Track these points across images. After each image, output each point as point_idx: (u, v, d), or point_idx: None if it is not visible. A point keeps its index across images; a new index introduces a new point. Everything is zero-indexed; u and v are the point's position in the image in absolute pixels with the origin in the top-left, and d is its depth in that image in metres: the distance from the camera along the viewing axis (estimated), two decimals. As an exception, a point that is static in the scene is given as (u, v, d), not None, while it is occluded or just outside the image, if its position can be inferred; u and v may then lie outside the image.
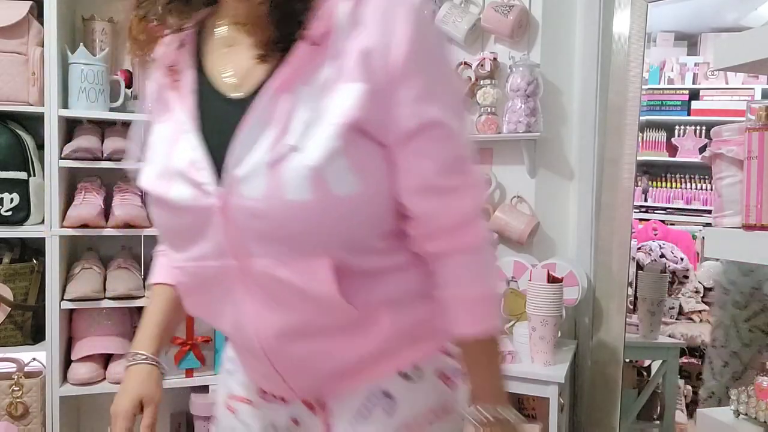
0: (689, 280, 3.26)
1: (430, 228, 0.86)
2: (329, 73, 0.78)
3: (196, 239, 0.84)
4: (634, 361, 2.70)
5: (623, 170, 2.34)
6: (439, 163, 0.83)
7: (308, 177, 0.76)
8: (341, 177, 0.77)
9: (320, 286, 0.81)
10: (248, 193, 0.78)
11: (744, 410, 1.28)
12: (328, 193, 0.76)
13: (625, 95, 2.32)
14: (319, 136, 0.76)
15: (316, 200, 0.76)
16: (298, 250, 0.80)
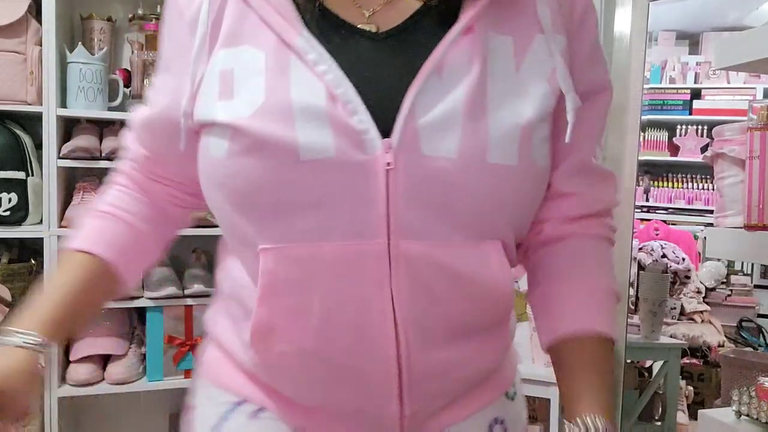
0: (691, 280, 3.25)
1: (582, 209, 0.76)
2: (524, 20, 0.68)
3: (327, 207, 0.62)
4: (635, 361, 2.69)
5: (624, 170, 2.33)
6: (597, 135, 0.77)
7: (518, 138, 0.64)
8: (542, 144, 0.67)
9: (494, 275, 0.67)
10: (437, 149, 0.62)
11: (746, 411, 1.28)
12: (531, 161, 0.65)
13: (626, 94, 2.31)
14: (532, 93, 0.66)
15: (521, 168, 0.64)
16: (476, 228, 0.65)
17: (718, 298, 3.64)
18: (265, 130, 0.62)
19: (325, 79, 0.62)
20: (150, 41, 2.18)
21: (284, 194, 0.63)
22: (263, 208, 0.64)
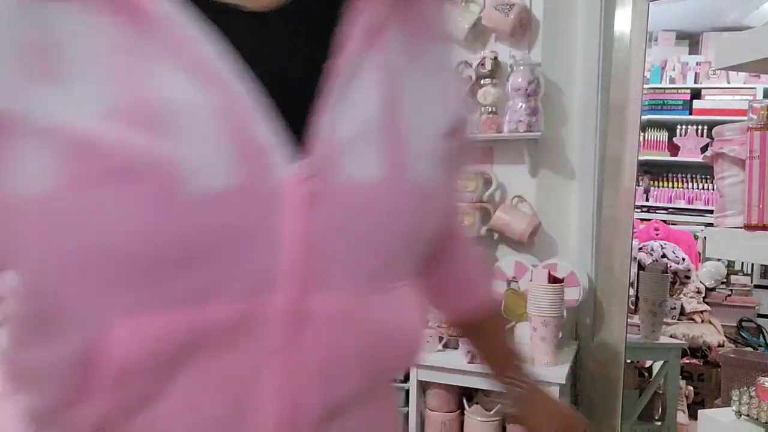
0: (691, 280, 3.25)
1: None
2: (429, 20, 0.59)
3: (217, 258, 0.43)
4: (635, 361, 2.70)
5: (624, 170, 2.33)
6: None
7: (437, 150, 0.53)
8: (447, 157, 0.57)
9: (411, 322, 0.56)
10: (358, 169, 0.48)
11: (746, 411, 1.28)
12: (449, 176, 0.56)
13: (626, 94, 2.31)
14: (444, 99, 0.56)
15: (443, 184, 0.55)
16: (396, 266, 0.53)
17: (718, 298, 3.64)
18: (127, 142, 0.40)
19: (211, 66, 0.43)
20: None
21: (157, 246, 0.41)
22: (120, 270, 0.42)
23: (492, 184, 2.39)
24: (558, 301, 2.00)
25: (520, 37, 2.35)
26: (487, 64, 2.32)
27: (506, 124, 2.30)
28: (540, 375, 1.93)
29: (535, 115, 2.26)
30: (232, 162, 0.43)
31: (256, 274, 0.45)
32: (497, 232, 2.39)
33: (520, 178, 2.40)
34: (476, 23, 2.36)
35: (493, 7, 2.31)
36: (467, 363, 2.04)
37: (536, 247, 2.40)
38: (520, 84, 2.24)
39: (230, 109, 0.43)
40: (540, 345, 2.01)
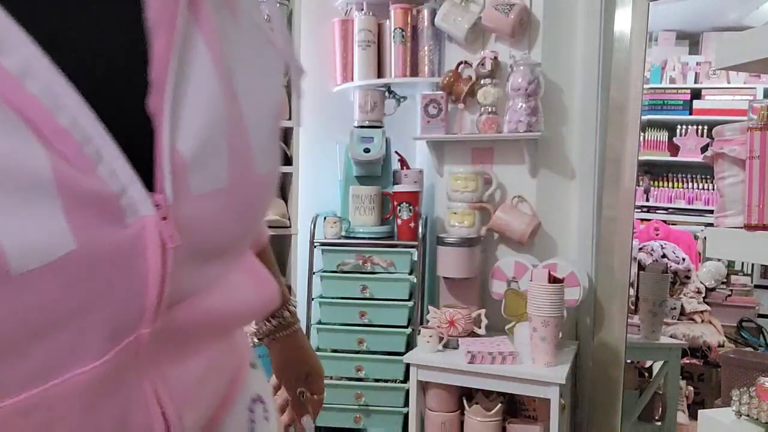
0: (691, 280, 3.25)
1: None
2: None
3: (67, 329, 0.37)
4: (635, 361, 2.69)
5: (625, 170, 2.33)
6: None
7: (274, 131, 0.50)
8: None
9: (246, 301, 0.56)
10: (206, 183, 0.43)
11: (746, 411, 1.28)
12: (277, 162, 0.52)
13: (626, 94, 2.31)
14: (268, 84, 0.50)
15: (275, 171, 0.52)
16: (234, 255, 0.51)
17: (718, 298, 3.64)
18: None
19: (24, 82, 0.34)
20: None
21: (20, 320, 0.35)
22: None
23: (492, 184, 2.39)
24: (558, 301, 2.00)
25: (520, 37, 2.35)
26: (487, 64, 2.32)
27: (506, 124, 2.30)
28: (541, 375, 1.94)
29: (535, 115, 2.26)
30: (65, 225, 0.34)
31: (117, 326, 0.39)
32: (497, 232, 2.39)
33: (520, 178, 2.40)
34: (476, 23, 2.36)
35: (493, 7, 2.31)
36: (467, 363, 2.04)
37: (536, 247, 2.40)
38: (520, 84, 2.24)
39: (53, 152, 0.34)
40: (540, 345, 2.01)
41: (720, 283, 3.69)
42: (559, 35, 2.38)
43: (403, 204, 2.43)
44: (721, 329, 3.20)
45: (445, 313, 2.22)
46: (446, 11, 2.38)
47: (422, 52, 2.50)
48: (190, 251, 0.42)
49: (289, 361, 0.97)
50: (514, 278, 2.29)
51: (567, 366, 2.03)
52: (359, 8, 2.59)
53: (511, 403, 2.26)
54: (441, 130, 2.41)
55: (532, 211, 2.37)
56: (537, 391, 2.00)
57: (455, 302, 2.34)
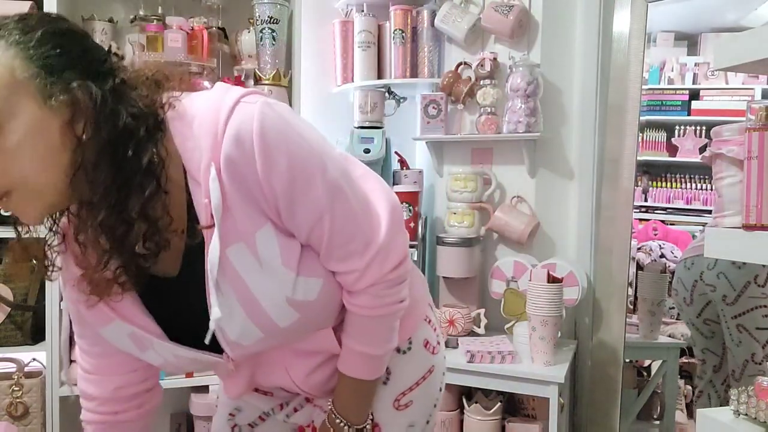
0: (689, 280, 3.25)
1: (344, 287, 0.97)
2: (240, 228, 0.84)
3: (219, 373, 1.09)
4: (634, 361, 2.70)
5: (623, 170, 2.34)
6: (324, 252, 0.91)
7: (287, 306, 0.89)
8: (307, 288, 0.90)
9: (327, 342, 1.01)
10: (249, 342, 0.93)
11: (744, 410, 1.28)
12: (306, 302, 0.91)
13: (625, 95, 2.32)
14: (274, 276, 0.87)
15: (304, 312, 0.92)
16: (308, 333, 0.99)
17: (717, 298, 3.63)
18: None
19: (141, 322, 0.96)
20: (151, 42, 2.18)
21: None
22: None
23: (491, 185, 2.40)
24: (557, 300, 2.01)
25: (519, 38, 2.35)
26: (486, 65, 2.33)
27: (505, 124, 2.30)
28: (539, 374, 1.95)
29: (534, 116, 2.27)
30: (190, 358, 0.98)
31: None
32: (496, 232, 2.40)
33: (519, 179, 2.41)
34: (476, 24, 2.36)
35: (492, 8, 2.32)
36: (467, 362, 2.04)
37: (535, 247, 2.40)
38: (519, 85, 2.25)
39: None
40: (539, 344, 2.01)
41: (718, 283, 3.68)
42: (558, 36, 2.39)
43: (403, 204, 2.44)
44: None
45: (444, 313, 2.23)
46: (446, 12, 2.39)
47: (422, 53, 2.51)
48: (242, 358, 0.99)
49: None
50: (514, 278, 2.30)
51: (566, 365, 2.04)
52: (359, 9, 2.59)
53: (511, 402, 2.27)
54: (441, 130, 2.42)
55: (531, 211, 2.38)
56: (536, 390, 2.01)
57: (455, 302, 2.34)
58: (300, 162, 0.84)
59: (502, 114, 2.32)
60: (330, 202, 0.87)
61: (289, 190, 0.84)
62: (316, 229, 0.88)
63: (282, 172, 0.82)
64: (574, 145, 2.41)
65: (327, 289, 0.93)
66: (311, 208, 0.86)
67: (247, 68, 2.31)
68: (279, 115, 0.84)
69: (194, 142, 0.83)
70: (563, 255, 2.40)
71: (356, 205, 0.91)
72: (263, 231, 0.85)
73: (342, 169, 0.91)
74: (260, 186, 0.82)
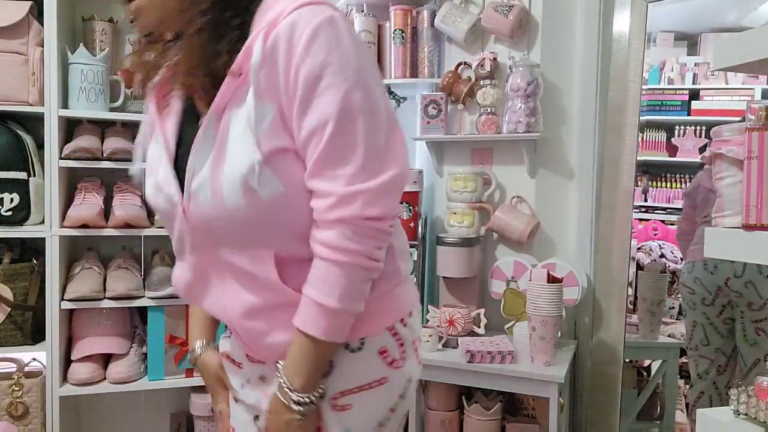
0: (689, 280, 3.25)
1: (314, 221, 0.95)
2: (251, 96, 0.90)
3: (178, 238, 1.03)
4: (634, 361, 2.70)
5: (623, 170, 2.34)
6: (313, 165, 0.92)
7: (238, 185, 0.90)
8: (268, 183, 0.90)
9: (266, 273, 0.96)
10: (199, 201, 0.95)
11: (744, 410, 1.28)
12: (257, 198, 0.90)
13: (625, 95, 2.32)
14: (245, 150, 0.90)
15: (248, 203, 0.91)
16: (246, 243, 0.95)
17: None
18: (152, 201, 1.09)
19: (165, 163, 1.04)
20: (151, 42, 2.18)
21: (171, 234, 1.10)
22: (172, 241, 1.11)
23: (491, 185, 2.40)
24: (557, 300, 2.01)
25: (519, 39, 2.35)
26: (486, 65, 2.33)
27: (505, 124, 2.30)
28: (539, 374, 1.95)
29: (534, 116, 2.27)
30: (164, 201, 1.03)
31: (189, 243, 1.02)
32: (496, 232, 2.40)
33: (519, 179, 2.41)
34: (476, 24, 2.36)
35: (492, 8, 2.32)
36: (466, 362, 2.04)
37: (535, 247, 2.40)
38: (519, 85, 2.25)
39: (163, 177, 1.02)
40: (539, 344, 2.01)
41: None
42: (558, 36, 2.39)
43: (403, 204, 2.44)
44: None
45: (444, 313, 2.23)
46: (446, 12, 2.39)
47: (422, 53, 2.51)
48: (200, 226, 0.98)
49: None
50: (514, 278, 2.30)
51: (566, 365, 2.04)
52: (359, 9, 2.59)
53: (510, 402, 2.27)
54: (440, 130, 2.42)
55: (531, 211, 2.38)
56: (536, 390, 2.01)
57: (455, 302, 2.34)
58: (334, 68, 0.89)
59: (502, 114, 2.32)
60: (341, 115, 0.89)
61: (312, 84, 0.89)
62: (317, 135, 0.90)
63: (314, 66, 0.88)
64: (574, 145, 2.41)
65: (282, 201, 0.92)
66: (321, 110, 0.89)
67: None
68: (338, 29, 0.91)
69: (263, 17, 0.93)
70: (563, 255, 2.40)
71: (364, 138, 0.91)
72: (266, 108, 0.91)
73: (371, 106, 0.92)
74: (289, 71, 0.89)
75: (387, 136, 0.95)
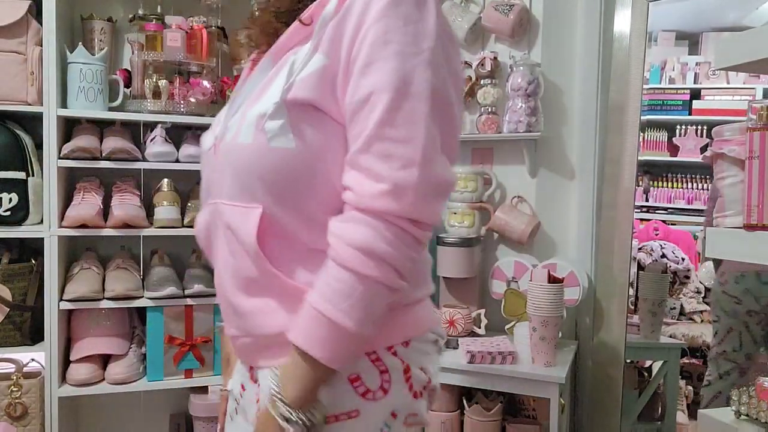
0: (690, 280, 3.25)
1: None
2: (309, 46, 0.86)
3: (204, 179, 0.99)
4: (635, 361, 2.69)
5: (624, 170, 2.33)
6: (363, 138, 0.81)
7: (253, 124, 0.86)
8: (279, 131, 0.84)
9: (246, 230, 0.86)
10: (226, 139, 0.92)
11: (745, 411, 1.28)
12: (264, 141, 0.85)
13: (626, 95, 2.31)
14: (273, 93, 0.86)
15: (255, 144, 0.86)
16: (241, 190, 0.88)
17: (718, 298, 3.63)
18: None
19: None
20: (150, 41, 2.18)
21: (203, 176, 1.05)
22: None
23: (492, 185, 2.39)
24: (558, 300, 2.00)
25: (519, 38, 2.35)
26: (486, 65, 2.33)
27: (506, 124, 2.30)
28: (540, 375, 1.94)
29: (535, 116, 2.26)
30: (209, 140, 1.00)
31: (211, 186, 0.96)
32: (497, 232, 2.39)
33: (519, 179, 2.40)
34: (476, 23, 2.36)
35: (492, 7, 2.31)
36: (467, 363, 2.04)
37: (536, 247, 2.40)
38: (519, 84, 2.24)
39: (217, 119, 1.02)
40: (540, 344, 2.01)
41: (719, 283, 3.68)
42: (559, 36, 2.38)
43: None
44: (720, 329, 3.19)
45: (444, 313, 2.22)
46: (446, 11, 2.38)
47: (422, 52, 2.50)
48: (221, 166, 0.92)
49: None
50: (514, 278, 2.30)
51: (566, 366, 2.03)
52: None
53: (511, 402, 2.27)
54: (441, 130, 2.41)
55: (532, 211, 2.37)
56: (536, 391, 2.00)
57: (455, 302, 2.34)
58: (408, 38, 0.81)
59: (503, 114, 2.31)
60: (403, 87, 0.80)
61: (378, 48, 0.81)
62: (371, 101, 0.81)
63: (387, 29, 0.81)
64: (575, 145, 2.40)
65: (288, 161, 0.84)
66: (381, 75, 0.81)
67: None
68: (425, 4, 0.84)
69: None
70: (564, 255, 2.40)
71: (426, 123, 0.81)
72: (318, 58, 0.85)
73: (440, 91, 0.83)
74: (359, 30, 0.83)
75: (451, 134, 0.86)
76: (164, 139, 2.20)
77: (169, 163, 2.19)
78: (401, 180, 0.79)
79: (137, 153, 2.15)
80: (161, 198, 2.21)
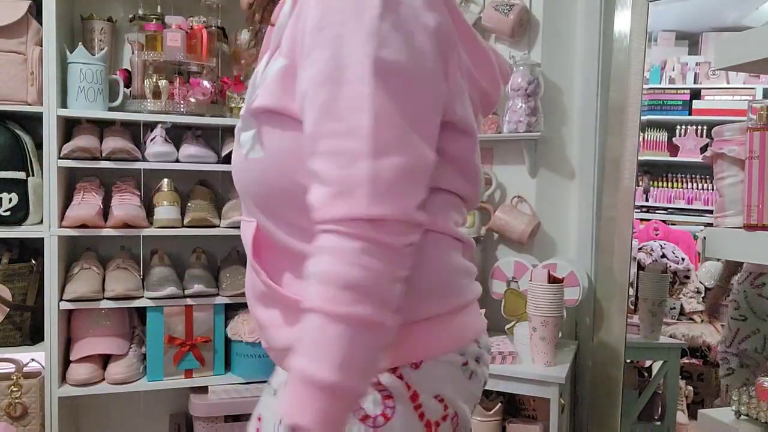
0: (690, 280, 3.25)
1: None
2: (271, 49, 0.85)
3: None
4: (635, 361, 2.69)
5: (624, 170, 2.33)
6: (309, 140, 0.72)
7: (237, 139, 0.86)
8: (252, 143, 0.83)
9: (248, 244, 0.88)
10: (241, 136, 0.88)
11: (745, 411, 1.28)
12: (242, 155, 0.85)
13: (626, 95, 2.31)
14: (247, 108, 0.85)
15: (237, 159, 0.86)
16: (245, 205, 0.90)
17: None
18: None
19: None
20: (150, 41, 2.18)
21: None
22: None
23: (492, 185, 2.39)
24: (558, 300, 2.00)
25: (519, 38, 2.35)
26: (486, 65, 2.32)
27: (506, 124, 2.30)
28: (540, 375, 1.94)
29: (535, 116, 2.26)
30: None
31: None
32: (497, 232, 2.39)
33: (519, 179, 2.40)
34: (476, 23, 2.36)
35: (492, 7, 2.31)
36: (467, 363, 2.03)
37: (536, 247, 2.40)
38: (519, 84, 2.24)
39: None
40: (540, 345, 2.01)
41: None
42: (559, 36, 2.38)
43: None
44: (720, 329, 3.19)
45: (444, 313, 2.21)
46: (446, 11, 2.38)
47: (422, 52, 2.50)
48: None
49: None
50: (514, 278, 2.30)
51: (567, 366, 2.03)
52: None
53: (511, 402, 2.27)
54: (441, 130, 2.41)
55: (532, 211, 2.37)
56: (537, 391, 2.00)
57: (455, 302, 2.33)
58: (347, 16, 0.71)
59: (503, 114, 2.31)
60: (334, 73, 0.71)
61: (315, 32, 0.73)
62: (309, 97, 0.73)
63: (324, 11, 0.73)
64: (575, 145, 2.40)
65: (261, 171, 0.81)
66: (315, 66, 0.72)
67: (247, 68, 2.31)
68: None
69: None
70: (564, 255, 2.40)
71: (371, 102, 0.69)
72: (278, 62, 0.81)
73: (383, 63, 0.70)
74: (306, 21, 0.75)
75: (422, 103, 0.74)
76: (164, 139, 2.20)
77: (169, 163, 2.19)
78: (348, 177, 0.67)
79: (137, 153, 2.15)
80: (161, 198, 2.21)
